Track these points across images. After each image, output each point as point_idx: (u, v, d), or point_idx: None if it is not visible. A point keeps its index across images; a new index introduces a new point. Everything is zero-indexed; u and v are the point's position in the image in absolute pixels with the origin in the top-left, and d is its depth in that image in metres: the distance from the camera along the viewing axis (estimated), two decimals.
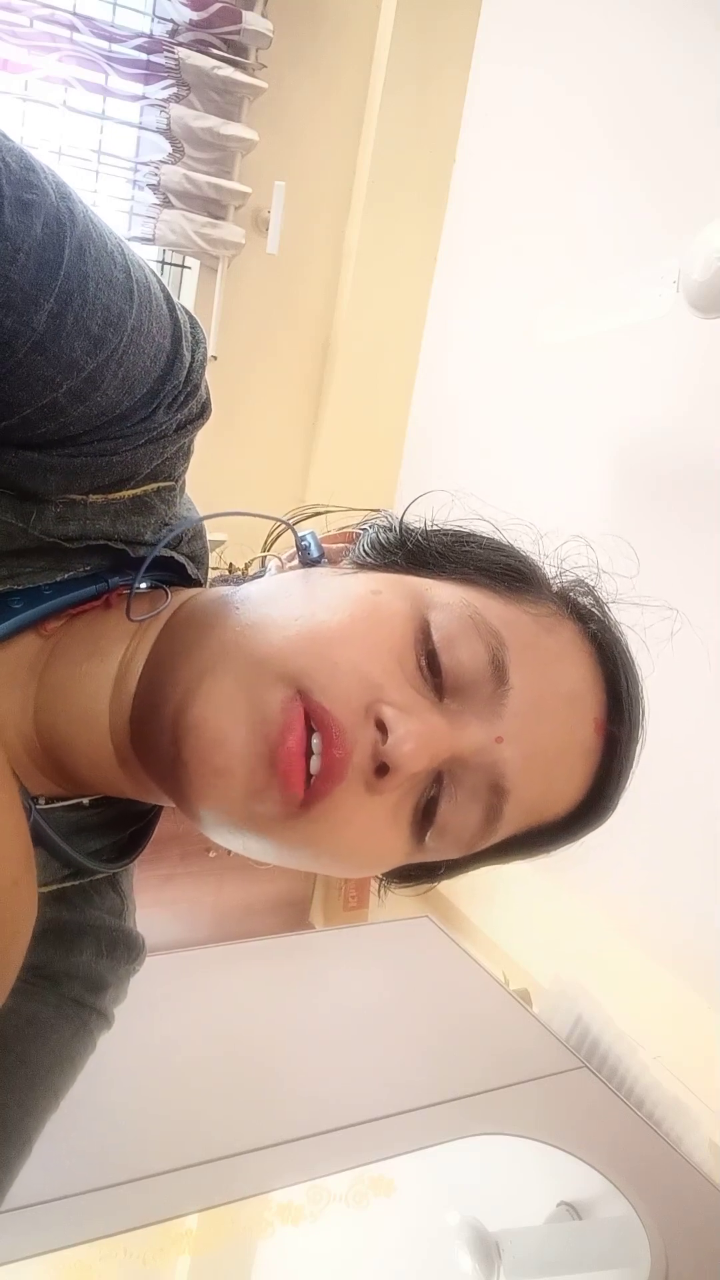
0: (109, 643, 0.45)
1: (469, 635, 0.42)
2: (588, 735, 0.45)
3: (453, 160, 2.14)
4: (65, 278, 0.34)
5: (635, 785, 0.49)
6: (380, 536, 0.49)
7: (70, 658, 0.44)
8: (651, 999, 1.46)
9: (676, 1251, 0.82)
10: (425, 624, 0.42)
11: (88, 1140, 0.86)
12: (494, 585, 0.46)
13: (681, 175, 1.53)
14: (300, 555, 0.48)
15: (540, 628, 0.45)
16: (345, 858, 0.42)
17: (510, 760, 0.42)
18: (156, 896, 1.82)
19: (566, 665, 0.45)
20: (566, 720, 0.44)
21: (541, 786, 0.44)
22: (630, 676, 0.47)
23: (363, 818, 0.40)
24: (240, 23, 1.85)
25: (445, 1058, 1.06)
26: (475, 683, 0.42)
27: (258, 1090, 0.96)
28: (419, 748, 0.39)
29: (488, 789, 0.42)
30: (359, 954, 1.28)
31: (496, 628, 0.43)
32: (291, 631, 0.41)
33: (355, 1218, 0.85)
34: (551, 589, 0.48)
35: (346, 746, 0.38)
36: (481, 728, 0.42)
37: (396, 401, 2.26)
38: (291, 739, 0.38)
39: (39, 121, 1.82)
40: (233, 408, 2.17)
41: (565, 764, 0.45)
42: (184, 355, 0.40)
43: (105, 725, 0.44)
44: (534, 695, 0.43)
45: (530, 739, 0.43)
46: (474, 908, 1.67)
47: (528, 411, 1.87)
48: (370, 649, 0.40)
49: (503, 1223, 0.90)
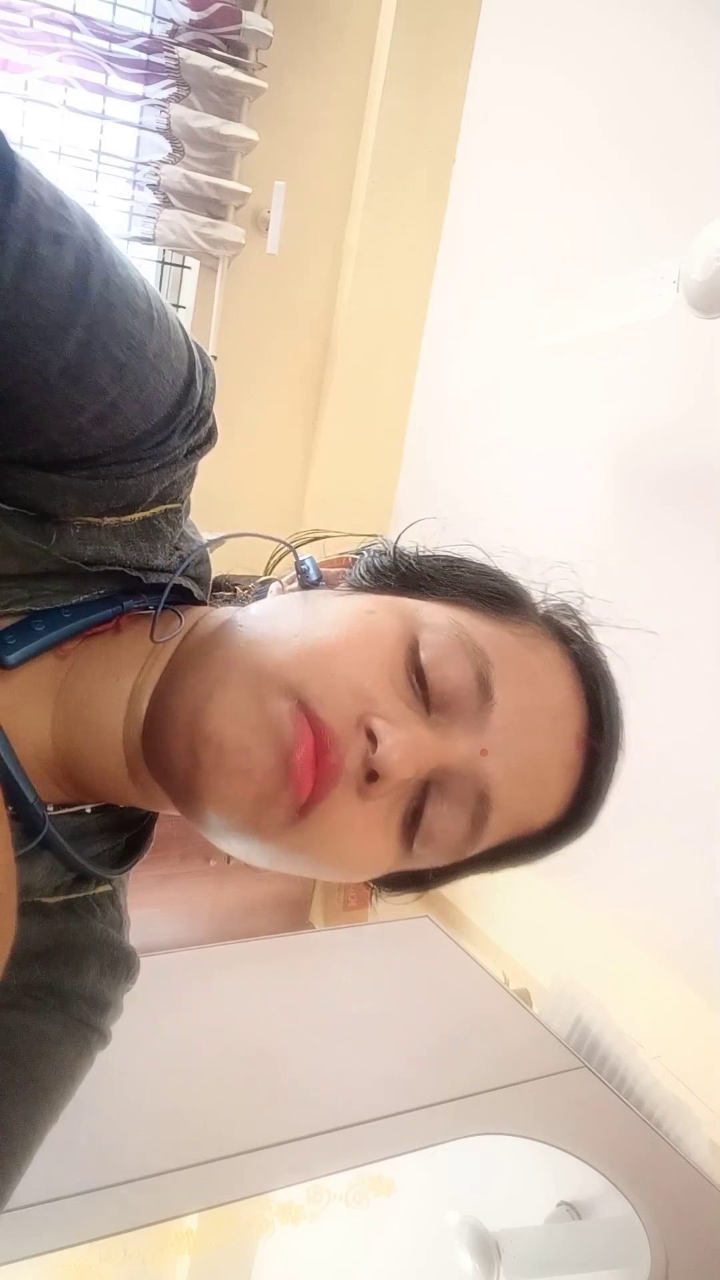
0: (123, 664, 0.47)
1: (456, 653, 0.44)
2: (570, 749, 0.47)
3: (453, 160, 2.14)
4: (93, 307, 0.36)
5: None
6: (375, 561, 0.51)
7: (87, 677, 0.47)
8: (651, 999, 1.46)
9: (676, 1251, 0.82)
10: (415, 642, 0.45)
11: (88, 1140, 0.86)
12: (481, 607, 0.48)
13: (682, 175, 1.53)
14: (299, 578, 0.51)
15: (525, 647, 0.47)
16: (339, 861, 0.44)
17: (495, 772, 0.44)
18: (156, 896, 1.82)
19: (550, 683, 0.47)
20: (549, 735, 0.47)
21: (525, 798, 0.46)
22: (610, 694, 0.50)
23: (355, 822, 0.43)
24: (240, 23, 1.85)
25: (445, 1058, 1.06)
26: (461, 698, 0.44)
27: (257, 1090, 0.96)
28: (406, 757, 0.41)
29: (474, 799, 0.45)
30: (359, 954, 1.28)
31: (482, 646, 0.45)
32: (292, 647, 0.43)
33: (355, 1218, 0.85)
34: (537, 611, 0.51)
35: (340, 753, 0.41)
36: (467, 740, 0.44)
37: (396, 401, 2.26)
38: (303, 749, 0.40)
39: (39, 121, 1.82)
40: (233, 408, 2.17)
41: (548, 776, 0.47)
42: (198, 382, 0.43)
43: (119, 740, 0.46)
44: (518, 711, 0.45)
45: (514, 752, 0.45)
46: (474, 908, 1.67)
47: (528, 411, 1.87)
48: (363, 664, 0.43)
49: (503, 1223, 0.90)
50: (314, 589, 0.50)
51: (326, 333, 2.22)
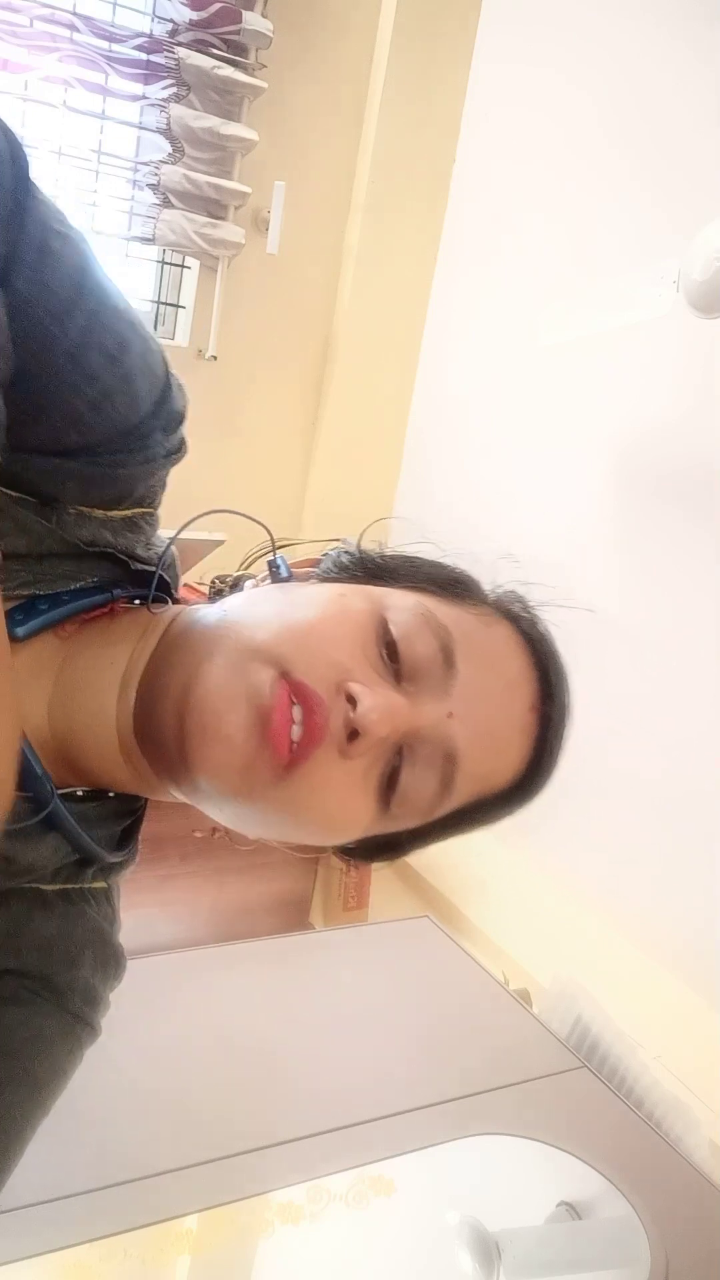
0: (115, 651, 0.51)
1: (421, 629, 0.50)
2: (524, 714, 0.53)
3: (453, 160, 2.14)
4: (92, 297, 0.41)
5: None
6: (341, 558, 0.57)
7: (82, 661, 0.51)
8: (651, 999, 1.46)
9: (676, 1251, 0.82)
10: (384, 620, 0.50)
11: (88, 1140, 0.86)
12: (441, 592, 0.54)
13: (682, 175, 1.53)
14: (272, 574, 0.56)
15: (481, 625, 0.53)
16: (322, 818, 0.48)
17: (460, 734, 0.49)
18: (156, 896, 1.82)
19: (505, 656, 0.53)
20: (506, 702, 0.52)
21: (487, 758, 0.51)
22: (557, 667, 0.55)
23: (337, 780, 0.47)
24: (240, 23, 1.85)
25: (445, 1058, 1.06)
26: (428, 669, 0.49)
27: (257, 1090, 0.96)
28: (383, 717, 0.46)
29: (442, 759, 0.50)
30: (359, 954, 1.28)
31: (445, 623, 0.51)
32: (274, 626, 0.48)
33: (355, 1218, 0.85)
34: (488, 597, 0.57)
35: (324, 714, 0.45)
36: (435, 705, 0.49)
37: (396, 401, 2.26)
38: (279, 712, 0.44)
39: (39, 121, 1.82)
40: (233, 408, 2.17)
41: (506, 739, 0.52)
42: (173, 383, 0.48)
43: (112, 720, 0.50)
44: (478, 680, 0.50)
45: (476, 717, 0.50)
46: (474, 908, 1.67)
47: (528, 411, 1.87)
48: (339, 639, 0.48)
49: (503, 1223, 0.90)
50: (286, 583, 0.55)
51: (326, 333, 2.22)
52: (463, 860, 1.80)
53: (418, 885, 1.80)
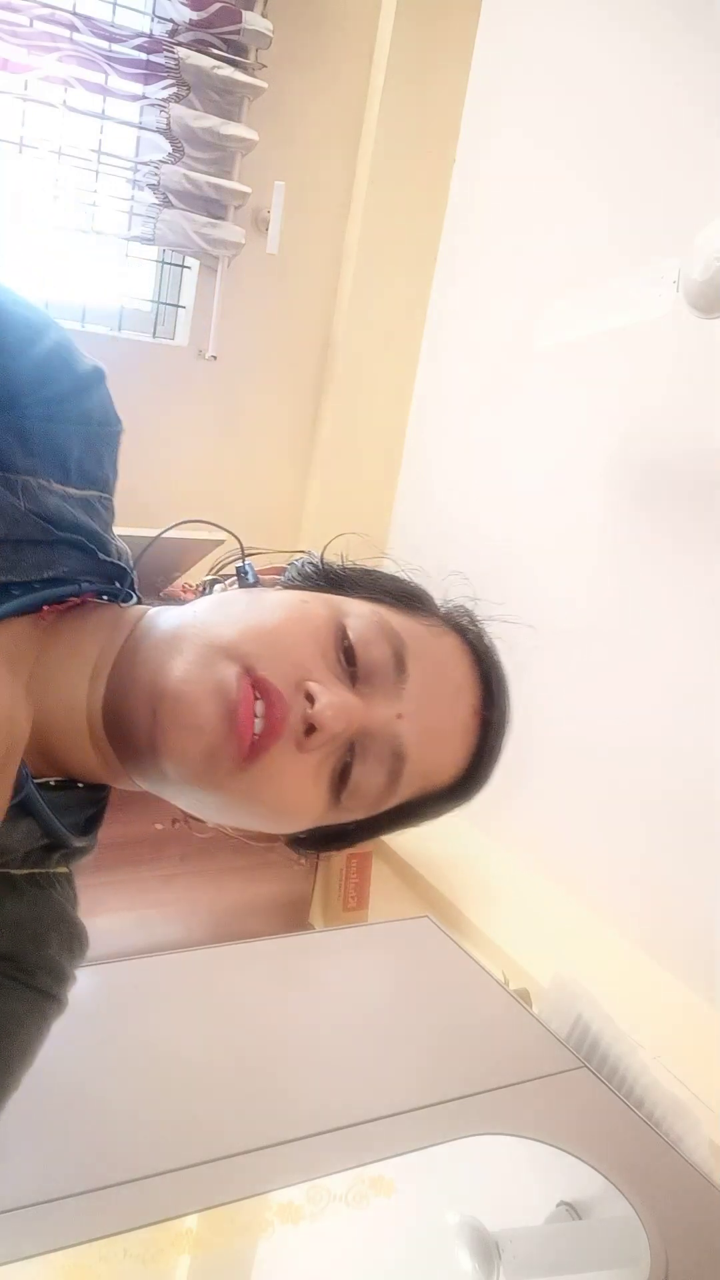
0: (86, 643, 0.55)
1: (377, 635, 0.54)
2: (468, 718, 0.57)
3: (453, 160, 2.13)
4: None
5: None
6: (305, 567, 0.61)
7: (56, 653, 0.54)
8: (651, 999, 1.46)
9: (676, 1251, 0.82)
10: (343, 626, 0.54)
11: (88, 1140, 0.86)
12: (395, 603, 0.58)
13: (682, 175, 1.53)
14: (239, 579, 0.60)
15: (431, 634, 0.57)
16: (278, 806, 0.52)
17: (408, 733, 0.54)
18: (157, 897, 1.82)
19: (451, 664, 0.57)
20: (451, 706, 0.56)
21: (432, 756, 0.56)
22: (499, 675, 0.59)
23: (293, 771, 0.50)
24: (240, 23, 1.85)
25: (445, 1058, 1.06)
26: (381, 673, 0.53)
27: (257, 1090, 0.96)
28: (337, 714, 0.50)
29: (390, 755, 0.53)
30: (359, 954, 1.28)
31: (398, 631, 0.55)
32: (241, 625, 0.52)
33: (355, 1218, 0.85)
34: (439, 609, 0.61)
35: (285, 709, 0.49)
36: (386, 706, 0.53)
37: (396, 401, 2.26)
38: (245, 706, 0.48)
39: (39, 121, 1.82)
40: (232, 408, 2.17)
41: (450, 740, 0.56)
42: (61, 346, 0.53)
43: (83, 711, 0.53)
44: (426, 685, 0.55)
45: (424, 718, 0.54)
46: (474, 908, 1.67)
47: (527, 411, 1.87)
48: (300, 641, 0.52)
49: (503, 1223, 0.90)
50: (253, 589, 0.59)
51: (326, 333, 2.22)
52: (463, 860, 1.80)
53: (418, 885, 1.80)
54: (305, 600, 0.55)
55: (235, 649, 0.50)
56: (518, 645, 0.64)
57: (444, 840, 1.87)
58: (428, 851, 1.85)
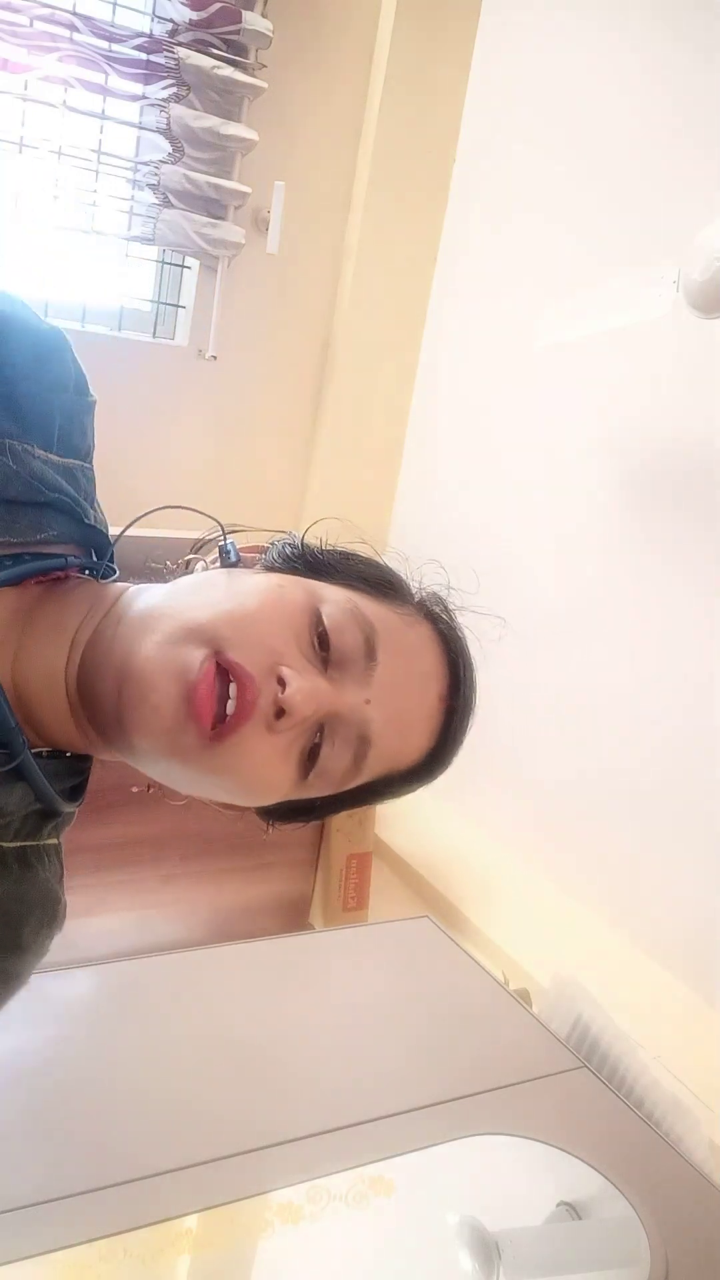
0: (68, 616, 0.57)
1: (350, 622, 0.55)
2: (433, 705, 0.59)
3: (453, 160, 2.13)
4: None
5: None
6: (286, 549, 0.63)
7: (41, 625, 0.56)
8: (651, 999, 1.46)
9: (676, 1251, 0.82)
10: (317, 612, 0.55)
11: (88, 1140, 0.86)
12: (370, 590, 0.60)
13: (682, 175, 1.53)
14: (221, 558, 0.62)
15: (403, 623, 0.59)
16: (247, 782, 0.54)
17: (375, 718, 0.56)
18: (157, 898, 1.82)
19: (421, 652, 0.59)
20: (419, 693, 0.58)
21: (397, 741, 0.58)
22: (467, 664, 0.61)
23: (263, 751, 0.52)
24: (240, 23, 1.85)
25: (445, 1058, 1.06)
26: (352, 659, 0.55)
27: (257, 1090, 0.96)
28: (307, 699, 0.52)
29: (357, 739, 0.56)
30: (359, 954, 1.28)
31: (370, 619, 0.57)
32: (216, 609, 0.53)
33: (355, 1218, 0.85)
34: (413, 597, 0.63)
35: (255, 692, 0.51)
36: (356, 691, 0.55)
37: (396, 402, 2.26)
38: (203, 687, 0.50)
39: (39, 121, 1.82)
40: (232, 408, 2.17)
41: (415, 726, 0.59)
42: (25, 318, 0.56)
43: (61, 683, 0.55)
44: (395, 672, 0.57)
45: (391, 704, 0.56)
46: (474, 908, 1.67)
47: (527, 411, 1.87)
48: (275, 626, 0.53)
49: (503, 1223, 0.90)
50: (233, 568, 0.60)
51: (326, 333, 2.22)
52: (463, 860, 1.80)
53: (418, 885, 1.80)
54: (281, 585, 0.56)
55: (208, 632, 0.51)
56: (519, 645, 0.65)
57: (444, 840, 1.87)
58: (428, 851, 1.85)
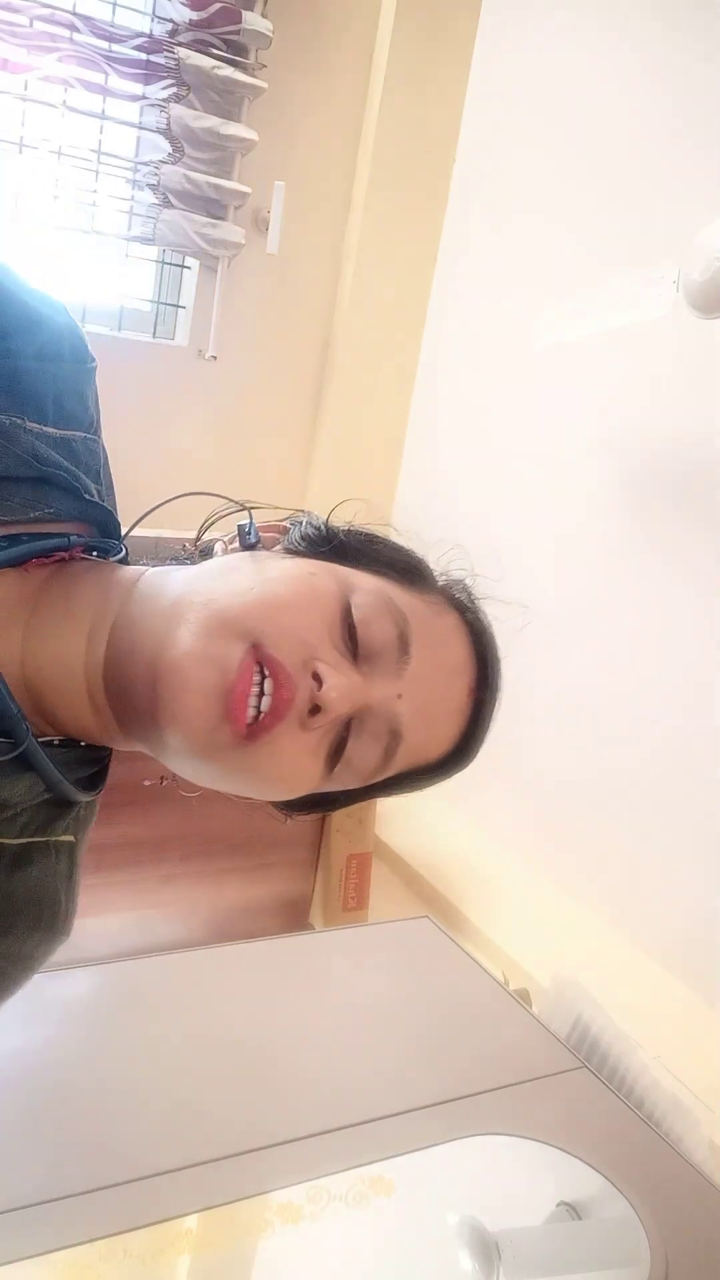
0: (80, 602, 0.55)
1: (382, 614, 0.54)
2: (463, 699, 0.58)
3: (453, 160, 2.13)
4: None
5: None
6: (309, 531, 0.61)
7: (50, 611, 0.54)
8: (651, 999, 1.46)
9: (676, 1251, 0.82)
10: (348, 603, 0.54)
11: (88, 1140, 0.86)
12: (398, 577, 0.58)
13: (682, 175, 1.53)
14: (240, 539, 0.60)
15: (432, 613, 0.58)
16: (276, 779, 0.53)
17: (405, 713, 0.55)
18: (157, 897, 1.81)
19: (450, 644, 0.58)
20: (448, 686, 0.57)
21: (426, 735, 0.57)
22: (494, 656, 0.60)
23: (294, 748, 0.52)
24: (240, 23, 1.85)
25: (445, 1058, 1.05)
26: (384, 652, 0.54)
27: (257, 1090, 0.96)
28: (343, 696, 0.51)
29: (387, 734, 0.55)
30: (359, 954, 1.28)
31: (403, 610, 0.55)
32: (249, 599, 0.51)
33: (355, 1218, 0.85)
34: (438, 585, 0.61)
35: (292, 690, 0.50)
36: (388, 686, 0.54)
37: (396, 401, 2.26)
38: (240, 687, 0.48)
39: (39, 121, 1.82)
40: (232, 408, 2.17)
41: (445, 719, 0.58)
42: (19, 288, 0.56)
43: (80, 671, 0.53)
44: (426, 665, 0.55)
45: (422, 698, 0.55)
46: (474, 908, 1.67)
47: (527, 412, 1.87)
48: (309, 619, 0.52)
49: (503, 1223, 0.90)
50: (253, 550, 0.59)
51: (326, 333, 2.22)
52: (463, 860, 1.80)
53: (418, 885, 1.80)
54: (313, 573, 0.54)
55: (242, 624, 0.50)
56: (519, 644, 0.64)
57: (444, 840, 1.87)
58: (428, 851, 1.85)
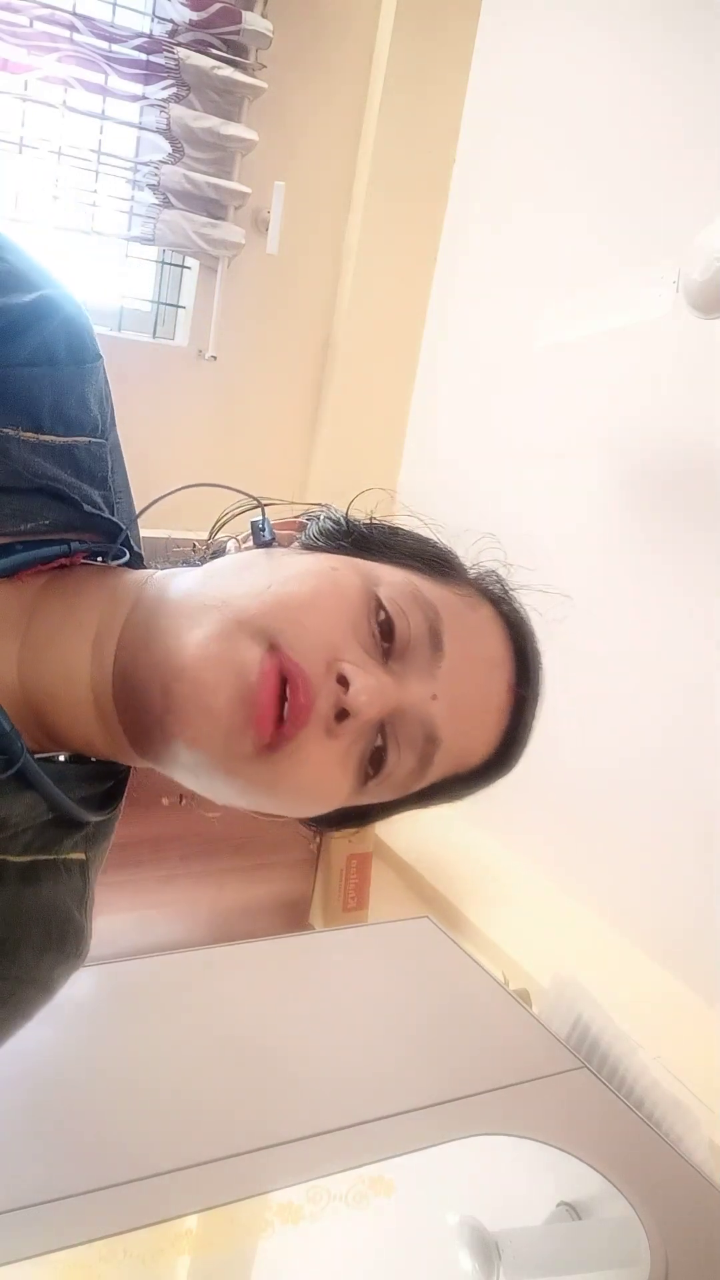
0: (83, 610, 0.50)
1: (412, 609, 0.50)
2: (502, 696, 0.53)
3: (453, 160, 2.13)
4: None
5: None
6: (327, 525, 0.57)
7: (49, 621, 0.50)
8: (651, 999, 1.46)
9: (676, 1251, 0.82)
10: (375, 597, 0.49)
11: (88, 1140, 0.86)
12: (426, 569, 0.54)
13: (682, 175, 1.53)
14: (255, 536, 0.55)
15: (465, 605, 0.53)
16: (302, 794, 0.48)
17: (441, 714, 0.50)
18: (157, 897, 1.82)
19: (486, 637, 0.53)
20: (486, 683, 0.53)
21: (465, 738, 0.52)
22: (534, 649, 0.56)
23: (320, 757, 0.47)
24: (240, 23, 1.85)
25: (445, 1058, 1.05)
26: (415, 649, 0.49)
27: (257, 1090, 0.96)
28: (372, 699, 0.46)
29: (423, 738, 0.50)
30: (359, 954, 1.28)
31: (433, 603, 0.51)
32: (266, 597, 0.47)
33: (355, 1218, 0.85)
34: (469, 576, 0.57)
35: (312, 695, 0.45)
36: (421, 686, 0.49)
37: (396, 401, 2.26)
38: (266, 690, 0.44)
39: (39, 121, 1.82)
40: (232, 408, 2.17)
41: (484, 719, 0.53)
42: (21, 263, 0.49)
43: (86, 683, 0.49)
44: (462, 661, 0.51)
45: (458, 697, 0.50)
46: (474, 908, 1.67)
47: (527, 412, 1.87)
48: (331, 616, 0.47)
49: (503, 1223, 0.90)
50: (269, 547, 0.54)
51: (326, 333, 2.22)
52: (463, 860, 1.80)
53: (418, 885, 1.80)
54: (335, 568, 0.50)
55: (259, 624, 0.45)
56: None
57: (444, 840, 1.87)
58: (428, 851, 1.85)
